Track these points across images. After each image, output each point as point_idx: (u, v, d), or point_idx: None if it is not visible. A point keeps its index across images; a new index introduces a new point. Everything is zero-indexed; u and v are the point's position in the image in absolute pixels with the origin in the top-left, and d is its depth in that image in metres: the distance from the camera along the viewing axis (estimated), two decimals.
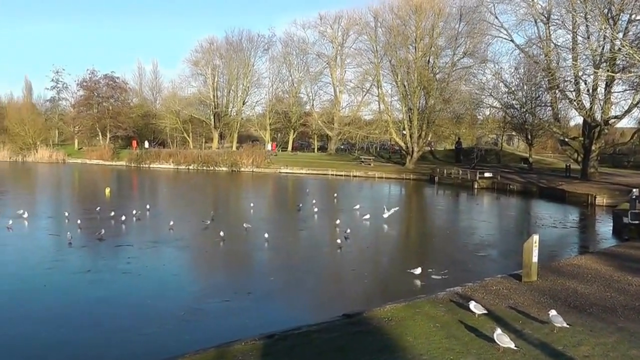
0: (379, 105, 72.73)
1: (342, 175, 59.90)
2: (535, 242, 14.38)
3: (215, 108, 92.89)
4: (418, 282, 16.35)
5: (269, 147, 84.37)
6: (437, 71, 65.34)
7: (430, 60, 65.71)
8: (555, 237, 26.73)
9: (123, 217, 27.89)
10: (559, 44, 47.07)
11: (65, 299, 15.59)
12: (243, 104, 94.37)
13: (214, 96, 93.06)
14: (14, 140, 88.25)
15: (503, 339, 9.59)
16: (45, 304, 14.99)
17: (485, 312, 11.50)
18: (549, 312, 10.64)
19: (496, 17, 50.62)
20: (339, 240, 22.24)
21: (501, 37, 52.42)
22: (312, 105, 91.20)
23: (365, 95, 79.49)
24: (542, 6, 47.05)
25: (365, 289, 16.58)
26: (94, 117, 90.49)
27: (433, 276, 16.84)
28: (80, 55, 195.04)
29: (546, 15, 46.38)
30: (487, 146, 75.19)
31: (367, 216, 29.02)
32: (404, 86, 66.13)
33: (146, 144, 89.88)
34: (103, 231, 24.08)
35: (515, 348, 9.38)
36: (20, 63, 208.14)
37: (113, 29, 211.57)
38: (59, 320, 13.72)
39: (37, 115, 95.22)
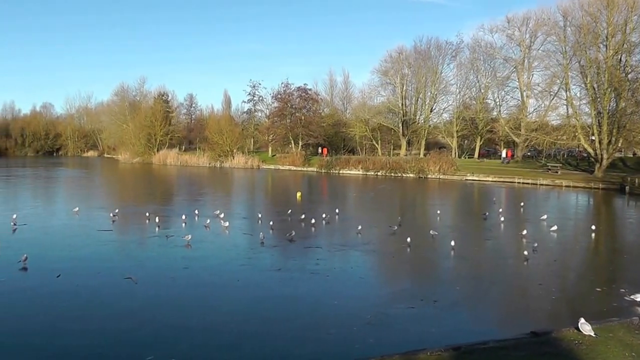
0: (567, 109, 68.55)
1: (528, 184, 57.20)
2: None
3: (403, 116, 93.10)
4: None
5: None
6: (629, 70, 59.55)
7: (622, 58, 60.04)
8: None
9: (313, 220, 28.62)
10: None
11: (256, 294, 16.09)
12: (430, 112, 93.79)
13: (402, 104, 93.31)
14: (212, 148, 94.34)
15: (585, 328, 9.40)
16: (237, 298, 15.66)
17: None
18: None
19: None
20: (525, 252, 21.13)
21: None
22: (499, 111, 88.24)
23: (552, 99, 75.09)
24: None
25: (552, 305, 15.44)
26: (287, 126, 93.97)
27: (625, 297, 15.35)
28: (276, 69, 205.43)
29: None
30: None
31: (555, 227, 27.40)
32: (594, 88, 61.37)
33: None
34: (294, 233, 24.90)
35: (595, 336, 8.52)
36: (220, 78, 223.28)
37: (307, 44, 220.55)
38: (249, 314, 14.17)
39: (234, 125, 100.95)
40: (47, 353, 11.74)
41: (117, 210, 31.63)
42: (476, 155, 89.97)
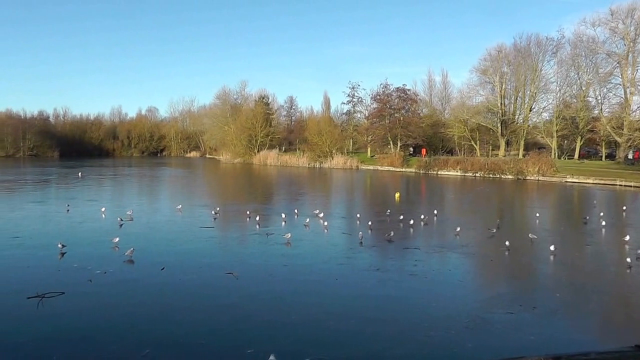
0: None
1: (630, 186, 54.51)
2: None
3: (502, 116, 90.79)
4: None
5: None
6: None
7: None
8: None
9: (411, 221, 28.44)
10: None
11: (355, 293, 16.14)
12: (530, 111, 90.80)
13: (501, 104, 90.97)
14: (312, 149, 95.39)
15: None
16: (335, 297, 15.79)
17: None
18: None
19: None
20: (628, 259, 20.03)
21: None
22: (601, 109, 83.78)
23: None
24: None
25: None
26: (386, 127, 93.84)
27: None
28: (375, 70, 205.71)
29: None
30: None
31: None
32: None
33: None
34: (392, 233, 24.86)
35: None
36: (320, 80, 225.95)
37: (406, 45, 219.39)
38: (347, 313, 14.25)
39: (333, 127, 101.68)
40: (154, 339, 12.34)
41: (218, 208, 32.73)
42: (576, 156, 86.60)
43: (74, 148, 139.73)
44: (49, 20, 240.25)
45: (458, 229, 26.14)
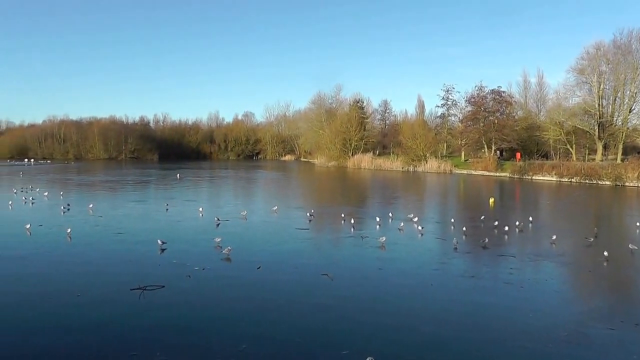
0: None
1: None
2: None
3: (599, 118, 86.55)
4: None
5: None
6: None
7: None
8: None
9: (506, 228, 27.80)
10: None
11: (449, 299, 15.89)
12: (629, 112, 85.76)
13: (598, 105, 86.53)
14: (406, 153, 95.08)
15: None
16: (430, 301, 15.65)
17: None
18: None
19: None
20: None
21: None
22: None
23: None
24: None
25: None
26: (480, 130, 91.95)
27: None
28: (469, 72, 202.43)
29: None
30: None
31: None
32: None
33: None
34: (487, 240, 24.29)
35: None
36: (414, 84, 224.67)
37: (501, 46, 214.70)
38: (442, 319, 14.10)
39: (427, 130, 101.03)
40: (250, 335, 12.60)
41: (313, 210, 33.08)
42: None
43: (172, 151, 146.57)
44: (150, 28, 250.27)
45: (554, 237, 25.26)
